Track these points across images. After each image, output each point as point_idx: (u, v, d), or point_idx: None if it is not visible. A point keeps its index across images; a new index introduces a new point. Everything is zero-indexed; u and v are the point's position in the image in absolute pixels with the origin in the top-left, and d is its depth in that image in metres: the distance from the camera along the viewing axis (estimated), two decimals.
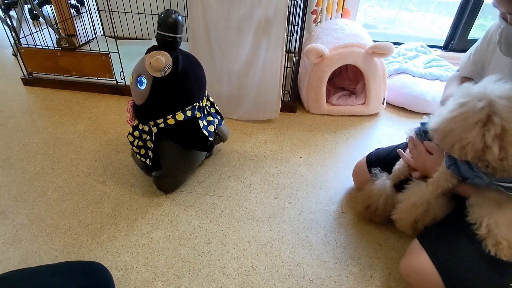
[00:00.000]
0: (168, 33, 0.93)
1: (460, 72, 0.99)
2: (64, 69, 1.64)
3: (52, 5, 2.12)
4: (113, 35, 1.64)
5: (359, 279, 0.85)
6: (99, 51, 1.55)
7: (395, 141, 1.42)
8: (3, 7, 1.78)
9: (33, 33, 1.65)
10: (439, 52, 2.07)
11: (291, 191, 1.13)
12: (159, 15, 0.93)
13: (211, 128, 1.08)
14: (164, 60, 0.91)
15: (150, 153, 1.04)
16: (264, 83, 1.40)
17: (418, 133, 0.86)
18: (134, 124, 1.05)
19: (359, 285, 0.84)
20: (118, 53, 1.53)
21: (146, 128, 1.02)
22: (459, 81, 0.97)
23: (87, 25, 1.99)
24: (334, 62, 1.45)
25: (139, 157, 1.07)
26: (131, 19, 2.04)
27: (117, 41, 1.56)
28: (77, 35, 2.23)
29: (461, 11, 1.96)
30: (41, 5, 2.40)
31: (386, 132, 1.49)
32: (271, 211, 1.05)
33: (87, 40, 2.03)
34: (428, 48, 1.93)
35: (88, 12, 1.99)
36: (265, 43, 1.31)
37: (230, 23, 1.27)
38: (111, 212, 1.02)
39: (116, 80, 1.62)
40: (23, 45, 1.61)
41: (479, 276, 0.67)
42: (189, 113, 1.01)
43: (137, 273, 0.85)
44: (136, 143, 1.05)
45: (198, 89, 1.03)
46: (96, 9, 2.04)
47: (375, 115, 1.60)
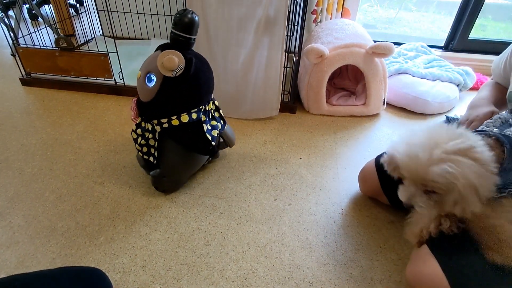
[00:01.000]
0: (182, 33, 0.91)
1: (493, 76, 0.99)
2: (62, 69, 1.63)
3: (51, 5, 2.11)
4: (112, 35, 1.63)
5: (360, 282, 0.84)
6: (98, 51, 1.54)
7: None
8: (1, 7, 1.78)
9: (31, 33, 1.64)
10: (440, 52, 2.06)
11: (290, 192, 1.12)
12: (175, 14, 0.91)
13: (215, 132, 1.07)
14: (177, 60, 0.90)
15: (153, 151, 1.03)
16: (264, 82, 1.40)
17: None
18: (138, 121, 1.04)
19: None
20: (117, 53, 1.52)
21: (149, 126, 1.01)
22: (491, 86, 0.97)
23: (86, 25, 1.98)
24: (334, 62, 1.44)
25: (141, 154, 1.06)
26: (130, 19, 2.03)
27: (116, 41, 1.55)
28: (76, 35, 2.22)
29: (462, 11, 1.96)
30: (40, 5, 2.39)
31: (386, 133, 1.48)
32: (271, 212, 1.04)
33: (86, 40, 2.02)
34: (428, 48, 1.92)
35: (86, 12, 1.98)
36: (265, 42, 1.30)
37: (230, 22, 1.27)
38: (109, 213, 1.01)
39: (115, 80, 1.62)
40: (21, 45, 1.60)
41: None
42: (194, 116, 1.00)
43: (135, 276, 0.84)
44: (139, 141, 1.04)
45: (206, 92, 1.03)
46: (95, 9, 2.03)
47: (376, 115, 1.60)
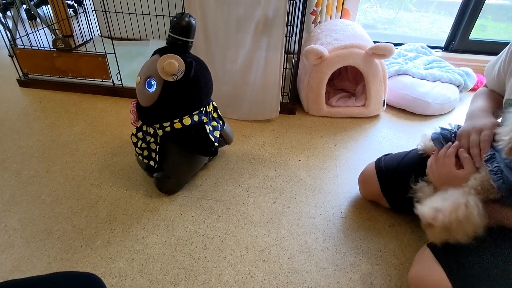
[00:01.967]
0: (180, 36, 0.91)
1: (486, 83, 0.93)
2: (60, 70, 1.62)
3: (49, 5, 2.10)
4: (110, 36, 1.62)
5: (359, 287, 0.83)
6: (96, 52, 1.53)
7: (396, 143, 1.40)
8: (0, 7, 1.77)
9: (28, 34, 1.63)
10: (440, 52, 2.05)
11: (289, 195, 1.11)
12: (172, 18, 0.91)
13: (217, 133, 1.07)
14: (177, 64, 0.90)
15: (153, 154, 1.02)
16: (263, 83, 1.38)
17: (435, 139, 0.78)
18: (138, 125, 1.03)
19: None
20: (114, 54, 1.51)
21: (151, 130, 1.00)
22: (486, 95, 0.91)
23: (85, 26, 1.97)
24: (333, 63, 1.43)
25: (141, 158, 1.05)
26: (128, 20, 2.02)
27: (114, 42, 1.54)
28: (74, 35, 2.21)
29: (462, 11, 1.94)
30: (38, 5, 2.38)
31: (386, 134, 1.47)
32: (269, 215, 1.03)
33: (84, 41, 2.01)
34: (428, 49, 1.91)
35: (85, 12, 1.97)
36: (264, 43, 1.29)
37: (228, 23, 1.26)
38: (106, 216, 1.00)
39: (113, 81, 1.60)
40: (19, 46, 1.59)
41: None
42: (196, 118, 0.99)
43: (131, 280, 0.83)
44: (139, 145, 1.03)
45: (206, 94, 1.02)
46: (93, 9, 2.02)
47: (375, 117, 1.58)
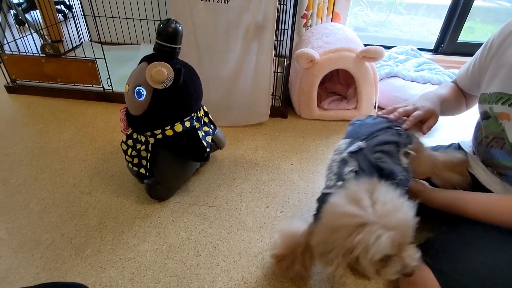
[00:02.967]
0: (167, 43, 0.90)
1: (458, 80, 0.93)
2: (49, 76, 1.59)
3: (38, 11, 2.08)
4: (99, 40, 1.61)
5: None
6: (85, 57, 1.51)
7: None
8: None
9: (16, 40, 1.61)
10: (429, 55, 2.07)
11: (282, 199, 1.10)
12: (158, 25, 0.90)
13: (209, 138, 1.06)
14: (166, 72, 0.89)
15: (144, 162, 1.01)
16: (253, 88, 1.38)
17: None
18: (128, 133, 1.02)
19: None
20: (104, 59, 1.49)
21: (142, 138, 0.99)
22: (451, 88, 0.93)
23: (74, 31, 1.95)
24: (325, 66, 1.43)
25: (131, 166, 1.04)
26: (118, 24, 2.01)
27: (104, 46, 1.53)
28: (64, 41, 2.18)
29: (450, 14, 1.97)
30: (27, 10, 2.35)
31: None
32: (262, 220, 1.02)
33: (74, 46, 1.99)
34: (418, 51, 1.93)
35: (74, 17, 1.95)
36: (254, 48, 1.29)
37: (217, 28, 1.25)
38: (96, 224, 0.98)
39: (103, 86, 1.59)
40: (7, 52, 1.56)
41: None
42: (187, 124, 0.98)
43: None
44: (129, 152, 1.02)
45: (196, 99, 1.02)
46: (82, 14, 2.01)
47: None
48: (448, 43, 2.04)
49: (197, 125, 1.02)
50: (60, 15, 2.47)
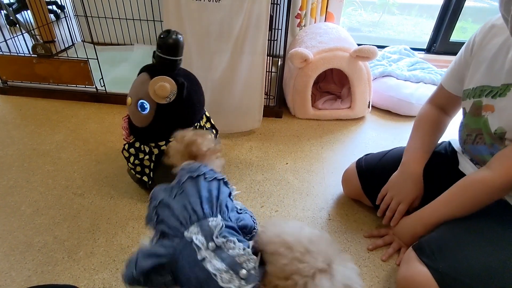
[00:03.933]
0: (168, 55, 0.89)
1: (445, 87, 0.91)
2: (41, 77, 1.58)
3: (30, 11, 2.05)
4: (92, 41, 1.59)
5: None
6: (77, 57, 1.50)
7: (381, 144, 1.42)
8: None
9: (7, 40, 1.58)
10: (422, 54, 2.09)
11: (277, 199, 1.10)
12: (159, 36, 0.89)
13: None
14: (169, 87, 0.88)
15: (147, 171, 1.01)
16: (245, 90, 1.35)
17: None
18: (130, 141, 1.00)
19: None
20: (97, 59, 1.48)
21: (146, 148, 0.98)
22: (427, 121, 0.93)
23: (67, 31, 1.93)
24: (318, 66, 1.43)
25: (134, 173, 1.03)
26: (111, 24, 1.99)
27: (98, 47, 1.51)
28: (56, 41, 2.16)
29: (443, 14, 1.99)
30: (18, 11, 2.32)
31: (372, 135, 1.48)
32: (258, 220, 1.02)
33: (66, 46, 1.97)
34: (411, 51, 1.94)
35: (66, 18, 1.93)
36: (247, 48, 1.28)
37: (209, 28, 1.24)
38: (89, 226, 0.97)
39: (96, 87, 1.57)
40: None
41: None
42: None
43: None
44: (132, 160, 1.01)
45: (199, 109, 1.02)
46: (74, 14, 1.99)
47: (361, 118, 1.60)
48: (440, 43, 2.06)
49: None
50: (52, 15, 2.44)
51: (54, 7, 2.58)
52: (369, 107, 1.59)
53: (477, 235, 0.71)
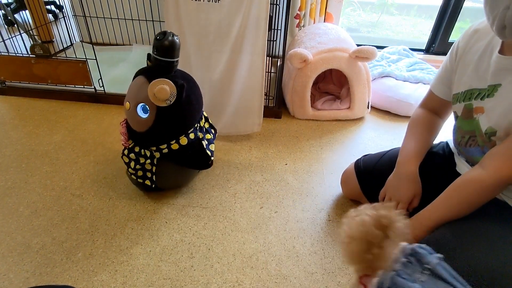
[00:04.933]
0: (164, 57, 0.89)
1: (435, 92, 0.91)
2: (39, 77, 1.57)
3: (28, 11, 2.05)
4: (91, 41, 1.59)
5: None
6: (76, 58, 1.49)
7: (380, 145, 1.42)
8: None
9: (5, 40, 1.58)
10: (421, 55, 2.09)
11: (276, 200, 1.10)
12: (155, 38, 0.88)
13: (212, 147, 1.07)
14: (168, 89, 0.87)
15: (149, 174, 1.00)
16: (245, 91, 1.34)
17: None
18: (129, 146, 0.99)
19: None
20: (95, 59, 1.48)
21: (147, 152, 0.98)
22: (420, 124, 0.93)
23: (65, 31, 1.93)
24: (318, 66, 1.43)
25: (135, 178, 1.03)
26: (110, 24, 1.99)
27: (96, 47, 1.51)
28: (54, 41, 2.15)
29: (441, 14, 1.99)
30: (16, 11, 2.31)
31: (371, 136, 1.48)
32: (257, 221, 1.02)
33: (64, 46, 1.96)
34: (410, 51, 1.94)
35: (64, 17, 1.92)
36: (247, 48, 1.28)
37: (208, 28, 1.23)
38: (88, 228, 0.97)
39: (94, 87, 1.57)
40: None
41: None
42: (192, 136, 0.98)
43: None
44: (132, 165, 1.00)
45: (198, 110, 1.02)
46: (73, 14, 1.98)
47: (360, 119, 1.60)
48: (439, 43, 2.07)
49: (200, 135, 1.01)
50: (50, 15, 2.44)
51: (52, 7, 2.58)
52: (368, 108, 1.59)
53: (477, 236, 0.71)
